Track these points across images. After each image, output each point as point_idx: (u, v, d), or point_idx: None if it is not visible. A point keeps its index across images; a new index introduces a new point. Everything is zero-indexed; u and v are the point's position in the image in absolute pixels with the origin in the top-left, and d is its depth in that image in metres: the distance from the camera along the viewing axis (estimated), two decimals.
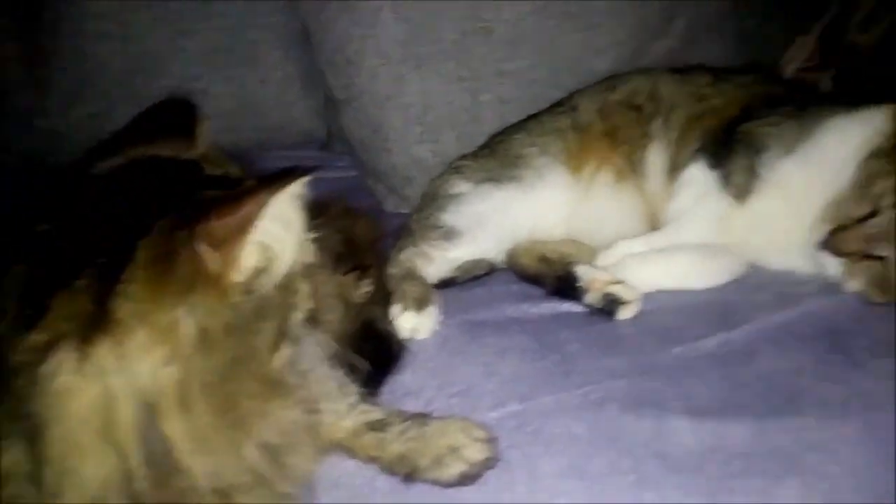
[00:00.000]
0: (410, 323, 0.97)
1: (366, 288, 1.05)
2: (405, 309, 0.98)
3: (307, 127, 1.57)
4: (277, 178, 0.55)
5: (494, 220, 1.12)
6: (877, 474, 0.71)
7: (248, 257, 0.55)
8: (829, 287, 0.95)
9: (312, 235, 0.65)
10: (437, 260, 1.10)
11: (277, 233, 0.57)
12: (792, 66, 1.55)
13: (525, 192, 1.12)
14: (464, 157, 1.24)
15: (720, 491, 0.70)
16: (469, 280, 1.13)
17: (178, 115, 0.69)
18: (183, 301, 0.53)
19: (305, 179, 0.58)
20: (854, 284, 0.92)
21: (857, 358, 0.83)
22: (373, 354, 0.93)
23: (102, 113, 1.42)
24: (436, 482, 0.74)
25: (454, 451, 0.74)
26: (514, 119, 1.28)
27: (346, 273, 1.03)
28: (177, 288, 0.53)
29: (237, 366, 0.57)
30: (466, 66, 1.30)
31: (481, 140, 1.29)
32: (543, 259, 1.06)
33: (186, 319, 0.53)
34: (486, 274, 1.14)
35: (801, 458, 0.72)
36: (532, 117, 1.24)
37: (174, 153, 0.65)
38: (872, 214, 0.89)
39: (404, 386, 0.88)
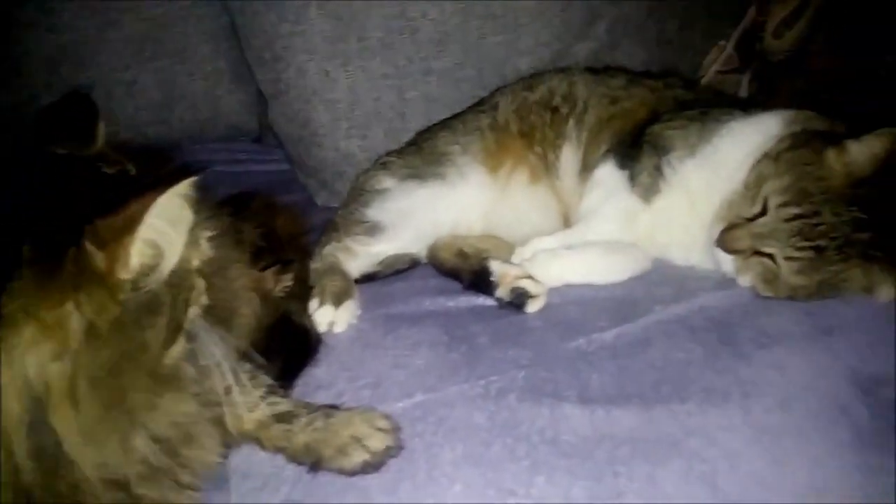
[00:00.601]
0: (327, 317, 1.00)
1: (286, 282, 1.07)
2: (322, 303, 1.01)
3: (238, 120, 1.57)
4: (163, 180, 0.57)
5: (417, 215, 1.14)
6: (753, 456, 0.77)
7: (135, 255, 0.57)
8: (726, 282, 1.01)
9: (209, 234, 0.66)
10: (360, 255, 1.13)
11: (165, 231, 0.59)
12: (712, 69, 1.62)
13: (447, 189, 1.15)
14: (390, 153, 1.27)
15: (606, 474, 0.74)
16: (391, 274, 1.15)
17: (78, 111, 0.69)
18: (70, 298, 0.54)
19: (192, 181, 0.60)
20: (746, 280, 0.98)
21: (743, 349, 0.88)
22: (288, 348, 0.95)
23: (26, 102, 1.40)
24: (340, 471, 0.77)
25: (357, 440, 0.77)
26: (440, 116, 1.32)
27: (265, 268, 1.05)
28: (64, 285, 0.54)
29: (126, 360, 0.58)
30: (392, 64, 1.32)
31: (408, 136, 1.32)
32: (461, 254, 1.09)
33: (74, 315, 0.55)
34: (409, 268, 1.17)
35: (683, 442, 0.77)
36: (457, 115, 1.28)
37: (72, 150, 0.66)
38: (761, 214, 0.94)
39: (317, 379, 0.90)
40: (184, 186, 0.59)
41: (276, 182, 1.49)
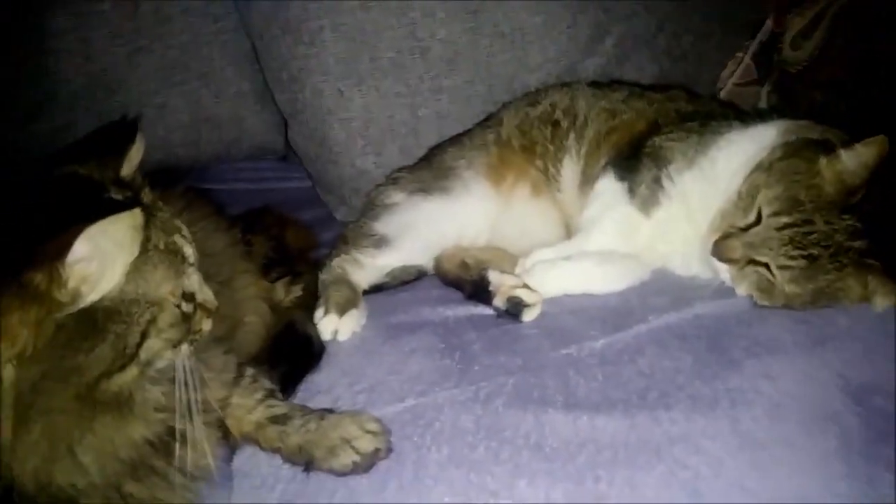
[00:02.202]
0: (331, 326, 1.03)
1: (296, 293, 1.12)
2: (327, 312, 1.05)
3: (263, 140, 1.64)
4: (98, 212, 0.61)
5: (422, 228, 1.18)
6: (738, 464, 0.77)
7: (71, 279, 0.60)
8: (724, 291, 1.01)
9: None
10: (367, 266, 1.16)
11: (103, 259, 0.62)
12: (730, 81, 1.62)
13: (451, 202, 1.19)
14: (401, 168, 1.32)
15: (587, 478, 0.76)
16: (399, 285, 1.19)
17: (118, 136, 0.75)
18: (16, 310, 0.58)
19: (131, 213, 0.63)
20: (742, 289, 0.98)
21: (734, 357, 0.89)
22: (292, 355, 0.99)
23: (64, 126, 1.50)
24: (331, 471, 0.80)
25: (346, 442, 0.80)
26: (451, 132, 1.36)
27: (276, 279, 1.10)
28: (10, 298, 0.58)
29: (52, 381, 0.61)
30: (404, 83, 1.37)
31: (421, 152, 1.36)
32: (463, 264, 1.12)
33: (19, 328, 0.59)
34: (416, 279, 1.20)
35: (666, 449, 0.78)
36: (466, 132, 1.31)
37: (93, 173, 0.71)
38: (756, 223, 0.95)
39: (317, 384, 0.94)
40: (126, 217, 0.63)
41: (300, 199, 1.55)
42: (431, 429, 0.84)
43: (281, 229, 1.19)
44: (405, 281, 1.19)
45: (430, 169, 1.26)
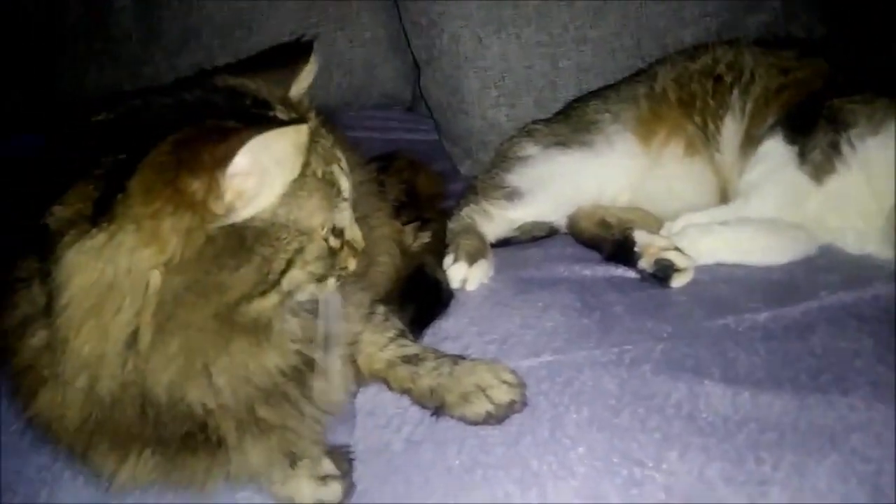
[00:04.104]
0: (460, 273, 0.99)
1: (424, 238, 1.08)
2: (457, 260, 1.00)
3: (392, 89, 1.61)
4: (266, 122, 0.57)
5: (558, 183, 1.11)
6: None
7: (227, 191, 0.57)
8: None
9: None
10: (496, 218, 1.11)
11: (263, 174, 0.58)
12: None
13: (593, 157, 1.11)
14: (537, 121, 1.25)
15: (747, 458, 0.68)
16: (528, 241, 1.13)
17: (291, 56, 0.72)
18: (169, 216, 0.56)
19: (301, 128, 0.59)
20: None
21: None
22: (421, 298, 0.96)
23: (204, 63, 1.52)
24: (462, 418, 0.76)
25: (481, 390, 0.76)
26: (592, 87, 1.28)
27: (406, 223, 1.07)
28: (164, 203, 0.56)
29: (194, 295, 0.59)
30: (547, 32, 1.29)
31: (557, 106, 1.29)
32: (603, 223, 1.05)
33: (170, 235, 0.56)
34: (546, 237, 1.14)
35: (842, 437, 0.69)
36: (611, 85, 1.23)
37: (261, 89, 0.68)
38: None
39: (445, 330, 0.90)
40: (292, 133, 0.58)
41: (424, 151, 1.50)
42: (570, 388, 0.78)
43: (412, 174, 1.16)
44: (535, 237, 1.13)
45: (568, 122, 1.18)
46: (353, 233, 0.72)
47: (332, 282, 0.69)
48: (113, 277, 0.56)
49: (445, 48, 1.34)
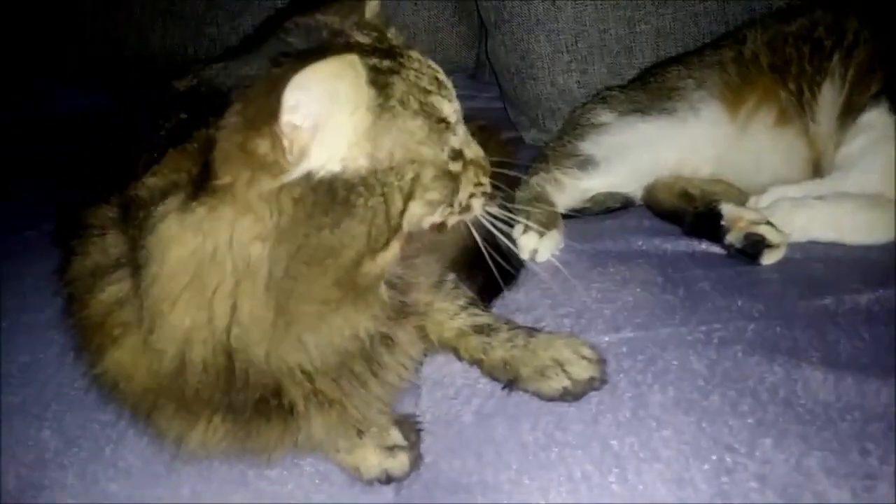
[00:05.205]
0: (531, 244, 0.95)
1: (493, 207, 1.03)
2: (527, 230, 0.96)
3: (455, 54, 1.55)
4: (304, 57, 0.52)
5: (636, 152, 1.05)
6: None
7: (291, 140, 0.52)
8: None
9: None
10: (568, 188, 1.06)
11: (320, 113, 0.53)
12: None
13: (674, 126, 1.04)
14: (611, 87, 1.18)
15: (851, 449, 0.63)
16: (601, 212, 1.08)
17: None
18: (251, 182, 0.53)
19: (345, 58, 0.52)
20: None
21: None
22: (490, 268, 0.92)
23: (230, 32, 1.49)
24: (536, 393, 0.72)
25: (559, 365, 0.72)
26: (671, 53, 1.21)
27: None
28: (242, 168, 0.53)
29: (308, 265, 0.56)
30: None
31: (632, 73, 1.23)
32: (684, 195, 0.99)
33: (259, 203, 0.53)
34: (620, 208, 1.08)
35: None
36: (692, 51, 1.15)
37: (334, 20, 0.65)
38: None
39: (516, 301, 0.86)
40: (334, 64, 0.52)
41: (487, 118, 1.44)
42: (654, 366, 0.73)
43: (482, 139, 1.11)
44: (609, 208, 1.08)
45: (647, 89, 1.11)
46: (475, 151, 0.69)
47: (476, 202, 0.68)
48: (213, 251, 0.54)
49: (516, 10, 1.29)
